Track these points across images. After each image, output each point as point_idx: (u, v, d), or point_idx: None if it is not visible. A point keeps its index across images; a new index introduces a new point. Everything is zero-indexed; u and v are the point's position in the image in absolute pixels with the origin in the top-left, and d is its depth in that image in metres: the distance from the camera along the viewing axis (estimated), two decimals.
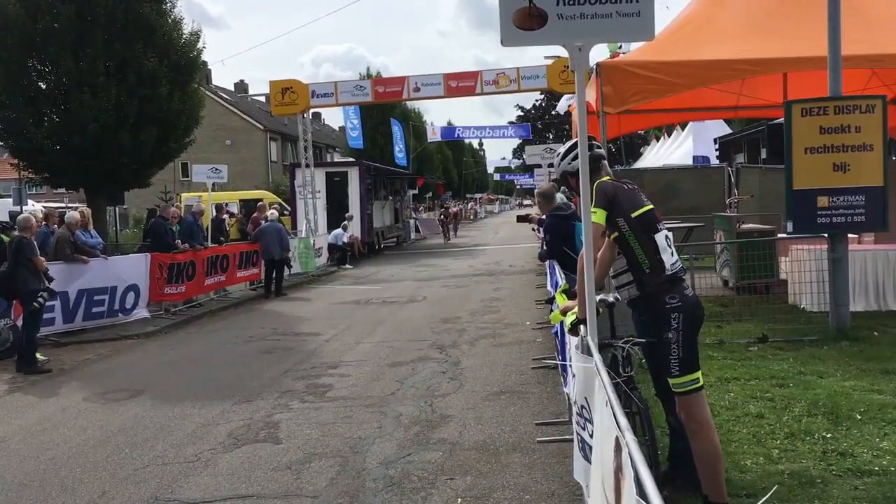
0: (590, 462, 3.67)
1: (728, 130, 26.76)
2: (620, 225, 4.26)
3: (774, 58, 8.93)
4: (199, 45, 21.83)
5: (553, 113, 56.86)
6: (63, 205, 29.26)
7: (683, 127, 25.12)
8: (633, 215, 4.27)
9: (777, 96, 10.96)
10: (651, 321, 4.28)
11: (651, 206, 4.37)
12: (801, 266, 9.81)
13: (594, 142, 4.67)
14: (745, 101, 12.58)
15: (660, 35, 9.45)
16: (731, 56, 9.01)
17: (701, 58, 9.10)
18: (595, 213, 4.14)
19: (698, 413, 4.14)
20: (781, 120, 9.45)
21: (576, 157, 4.45)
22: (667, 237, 4.33)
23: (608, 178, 4.49)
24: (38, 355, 10.00)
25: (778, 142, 9.92)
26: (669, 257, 4.26)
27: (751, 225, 12.40)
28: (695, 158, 22.44)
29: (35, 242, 10.02)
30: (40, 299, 9.88)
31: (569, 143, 4.94)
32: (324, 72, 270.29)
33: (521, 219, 10.30)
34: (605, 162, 4.70)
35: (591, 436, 3.63)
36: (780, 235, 10.73)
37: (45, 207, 18.39)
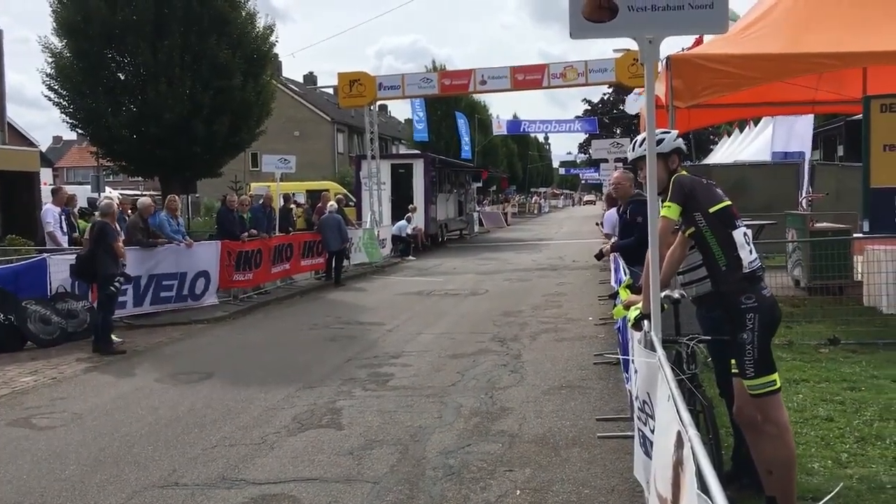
0: (651, 458, 3.64)
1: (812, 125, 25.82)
2: (697, 220, 4.15)
3: (855, 52, 8.60)
4: (272, 38, 22.29)
5: (621, 107, 56.09)
6: (138, 192, 30.22)
7: (756, 122, 24.46)
8: (711, 210, 4.15)
9: (856, 91, 10.57)
10: (726, 321, 4.19)
11: (729, 202, 4.24)
12: (878, 267, 9.49)
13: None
14: (822, 96, 12.17)
15: (733, 27, 9.22)
16: (810, 49, 8.73)
17: (777, 51, 8.85)
18: (668, 207, 4.07)
19: (776, 416, 4.03)
20: (860, 116, 9.13)
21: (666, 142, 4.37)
22: (745, 234, 4.21)
23: (684, 171, 4.40)
24: (113, 337, 10.38)
25: (856, 138, 9.62)
26: (748, 255, 4.14)
27: (825, 224, 12.03)
28: (773, 154, 21.72)
29: (117, 228, 10.37)
30: (117, 283, 10.22)
31: (672, 131, 4.64)
32: (386, 64, 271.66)
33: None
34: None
35: (653, 431, 3.60)
36: (855, 235, 10.39)
37: (121, 195, 19.05)
